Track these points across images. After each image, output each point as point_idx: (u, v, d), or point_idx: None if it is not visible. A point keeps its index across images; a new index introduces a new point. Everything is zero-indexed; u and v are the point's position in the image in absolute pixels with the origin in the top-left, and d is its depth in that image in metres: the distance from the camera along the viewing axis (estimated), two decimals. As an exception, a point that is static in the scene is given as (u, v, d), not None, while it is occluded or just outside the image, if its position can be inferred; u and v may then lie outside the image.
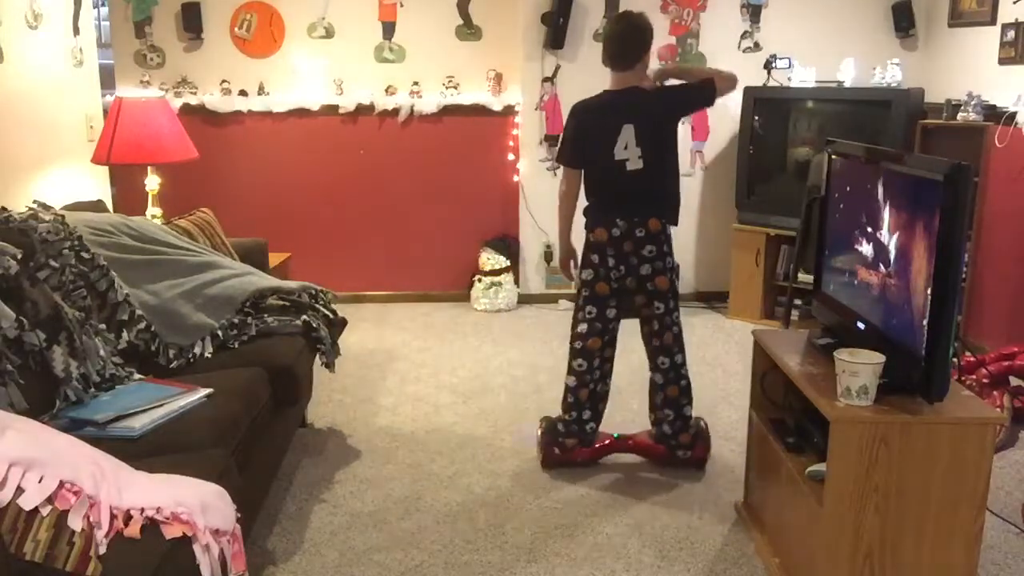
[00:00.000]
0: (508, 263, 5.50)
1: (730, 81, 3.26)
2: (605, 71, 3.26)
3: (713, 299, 5.64)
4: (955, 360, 2.73)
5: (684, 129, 5.47)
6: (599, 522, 2.93)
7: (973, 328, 4.52)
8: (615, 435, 3.37)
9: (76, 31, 4.28)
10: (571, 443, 3.28)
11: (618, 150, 3.12)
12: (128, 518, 1.77)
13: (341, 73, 5.38)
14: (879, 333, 2.39)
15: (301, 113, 5.38)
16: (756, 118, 5.18)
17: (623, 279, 3.19)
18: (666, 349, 3.26)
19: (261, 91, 5.36)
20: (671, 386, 3.27)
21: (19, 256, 2.52)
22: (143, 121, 4.03)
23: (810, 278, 3.00)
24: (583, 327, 3.24)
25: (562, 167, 3.33)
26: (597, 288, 3.21)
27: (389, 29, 5.40)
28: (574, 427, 3.28)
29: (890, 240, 2.37)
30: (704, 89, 3.22)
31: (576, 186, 3.26)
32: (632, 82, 3.17)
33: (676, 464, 3.30)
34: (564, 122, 3.33)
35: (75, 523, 1.66)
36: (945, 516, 2.20)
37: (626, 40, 3.14)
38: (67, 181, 4.10)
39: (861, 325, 2.51)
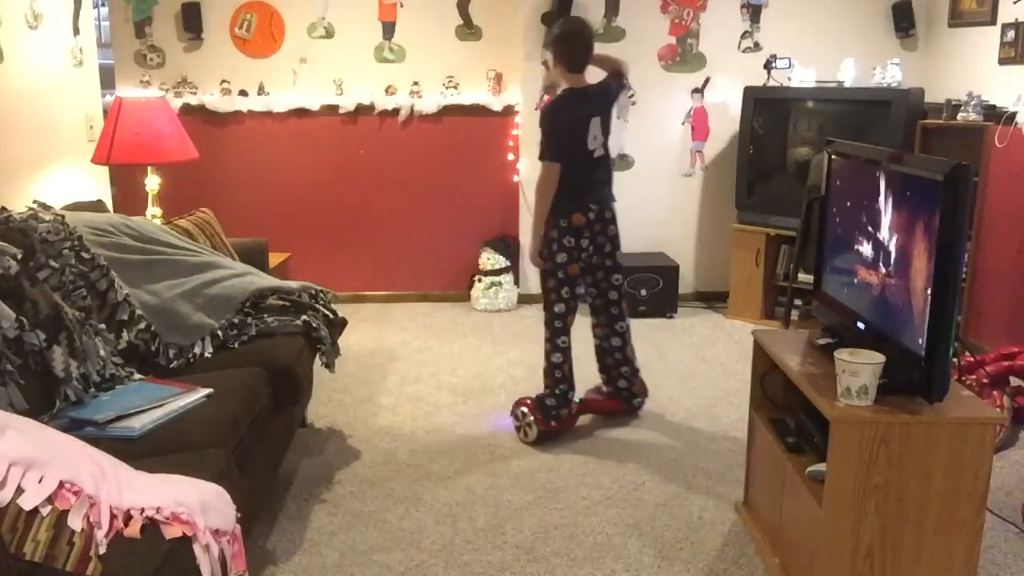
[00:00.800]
0: (508, 263, 5.50)
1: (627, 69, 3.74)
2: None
3: (713, 299, 5.64)
4: (955, 360, 2.73)
5: (684, 129, 5.50)
6: (599, 522, 2.93)
7: (973, 328, 4.52)
8: (577, 400, 3.69)
9: (76, 31, 4.28)
10: (564, 413, 3.57)
11: (590, 141, 3.48)
12: (128, 518, 1.76)
13: (341, 73, 5.38)
14: (879, 333, 2.39)
15: (301, 113, 5.38)
16: (756, 118, 5.18)
17: (590, 258, 3.57)
18: (623, 314, 3.70)
19: (261, 91, 5.36)
20: (627, 345, 3.71)
21: (19, 256, 2.52)
22: (143, 121, 4.03)
23: (810, 278, 3.00)
24: (561, 307, 3.55)
25: (545, 164, 3.48)
26: (570, 270, 3.52)
27: (389, 29, 5.40)
28: (563, 399, 3.56)
29: (890, 240, 2.37)
30: (621, 80, 3.67)
31: (557, 180, 3.44)
32: (585, 80, 3.52)
33: (628, 413, 3.77)
34: (544, 125, 3.55)
35: (75, 523, 1.66)
36: (945, 516, 2.20)
37: (588, 44, 3.48)
38: (67, 181, 4.11)
39: (861, 325, 2.51)
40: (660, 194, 5.57)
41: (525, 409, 3.54)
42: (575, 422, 3.65)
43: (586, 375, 3.84)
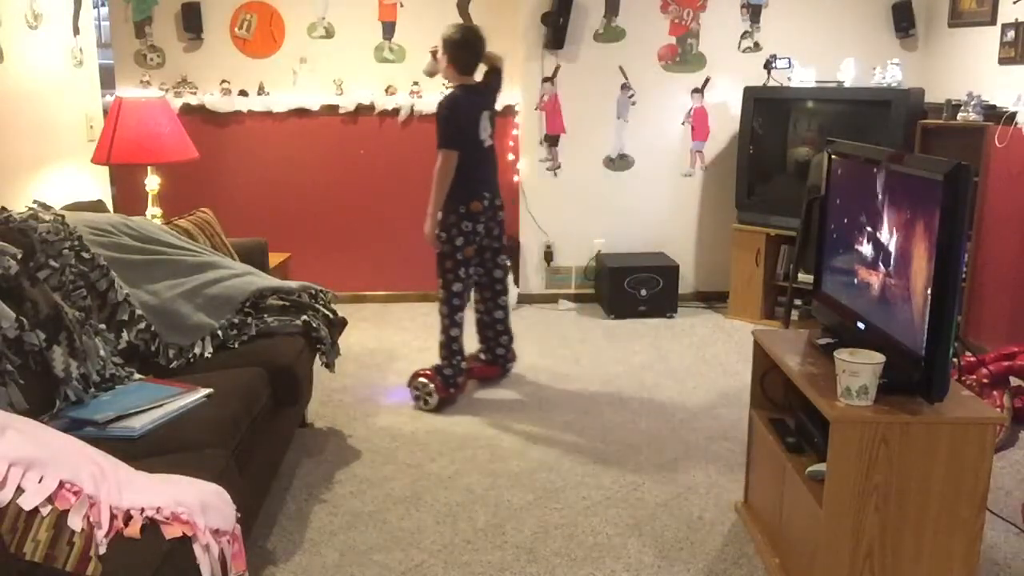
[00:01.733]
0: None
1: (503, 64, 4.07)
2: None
3: (713, 299, 5.64)
4: (955, 360, 2.73)
5: (684, 129, 5.49)
6: (599, 522, 2.93)
7: (973, 328, 4.52)
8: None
9: (76, 31, 4.28)
10: (462, 380, 3.95)
11: (481, 132, 3.85)
12: (128, 518, 1.77)
13: (341, 73, 5.38)
14: (879, 333, 2.39)
15: (301, 113, 5.38)
16: (756, 118, 5.18)
17: (482, 240, 3.94)
18: (506, 289, 4.16)
19: (261, 91, 5.36)
20: (508, 318, 4.18)
21: (19, 256, 2.52)
22: (143, 121, 4.03)
23: (810, 278, 3.00)
24: (459, 286, 3.91)
25: (444, 151, 3.75)
26: (466, 252, 3.88)
27: (389, 29, 5.40)
28: (459, 368, 3.92)
29: (890, 240, 2.37)
30: (500, 75, 4.02)
31: (455, 166, 3.74)
32: (475, 79, 3.90)
33: (502, 377, 4.20)
34: (443, 116, 3.80)
35: (75, 523, 1.66)
36: (945, 516, 2.20)
37: (481, 52, 3.87)
38: (67, 181, 4.10)
39: (861, 325, 2.51)
40: (660, 194, 5.57)
41: (424, 380, 3.85)
42: (467, 388, 4.03)
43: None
